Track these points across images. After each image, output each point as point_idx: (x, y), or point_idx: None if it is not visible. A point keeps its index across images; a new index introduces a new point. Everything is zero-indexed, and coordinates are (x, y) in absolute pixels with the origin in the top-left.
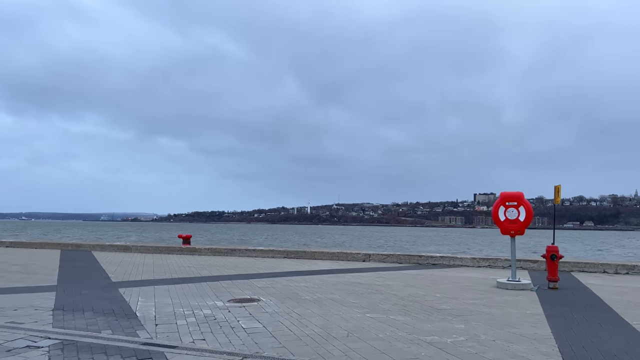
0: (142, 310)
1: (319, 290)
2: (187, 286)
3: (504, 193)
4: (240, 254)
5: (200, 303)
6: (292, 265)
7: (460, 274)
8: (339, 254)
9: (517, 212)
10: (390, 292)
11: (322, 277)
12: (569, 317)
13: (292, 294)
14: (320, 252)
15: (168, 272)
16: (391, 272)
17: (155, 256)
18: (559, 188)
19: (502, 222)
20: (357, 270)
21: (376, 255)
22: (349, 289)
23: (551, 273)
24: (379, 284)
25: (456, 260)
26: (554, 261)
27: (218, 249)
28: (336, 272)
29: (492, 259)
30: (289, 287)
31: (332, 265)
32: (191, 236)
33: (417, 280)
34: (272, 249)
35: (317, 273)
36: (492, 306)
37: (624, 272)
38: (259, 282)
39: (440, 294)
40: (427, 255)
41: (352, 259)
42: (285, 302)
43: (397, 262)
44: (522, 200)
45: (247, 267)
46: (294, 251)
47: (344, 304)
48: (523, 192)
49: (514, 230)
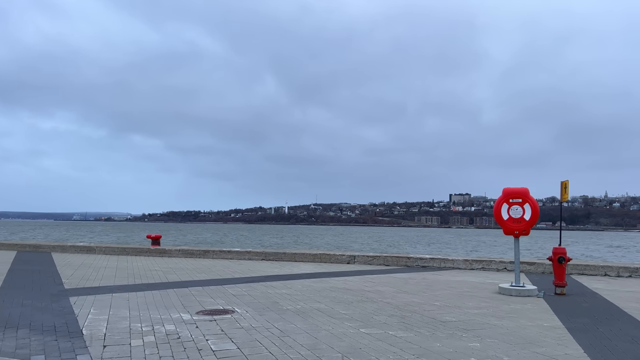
0: (91, 326)
1: (303, 298)
2: (150, 294)
3: (507, 189)
4: (214, 255)
5: (164, 316)
6: (271, 269)
7: (454, 278)
8: (322, 255)
9: (522, 210)
10: (383, 299)
11: (305, 282)
12: (593, 331)
13: (271, 303)
14: (302, 254)
15: (132, 276)
16: (380, 276)
17: (120, 258)
18: (567, 184)
19: (506, 221)
20: (343, 274)
21: (361, 256)
22: (337, 296)
23: (558, 277)
24: (368, 289)
25: (447, 262)
26: (562, 264)
27: (190, 250)
28: (320, 275)
29: (485, 260)
30: (267, 294)
31: (314, 268)
32: (161, 236)
33: (409, 286)
34: (248, 251)
35: (298, 277)
36: (502, 317)
37: (627, 275)
38: (233, 288)
39: (440, 302)
40: (416, 257)
41: (336, 261)
42: (264, 314)
43: (384, 265)
44: (528, 197)
45: (221, 271)
46: (272, 253)
47: (332, 316)
48: (528, 188)
49: (519, 230)
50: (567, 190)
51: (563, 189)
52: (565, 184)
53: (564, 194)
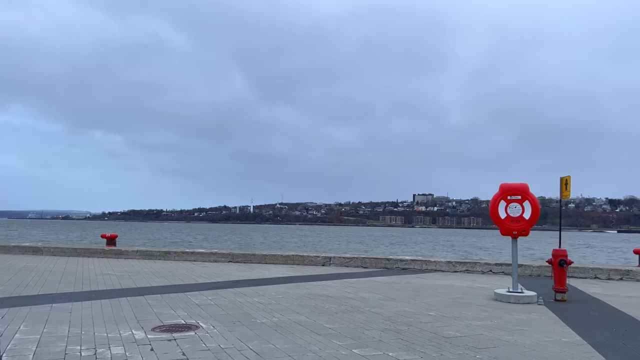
0: (14, 350)
1: (278, 308)
2: (99, 304)
3: (505, 185)
4: (175, 257)
5: (112, 334)
6: (240, 272)
7: (440, 282)
8: (295, 257)
9: (522, 208)
10: (371, 309)
11: (280, 288)
12: (622, 348)
13: (242, 315)
14: (273, 255)
15: (79, 282)
16: (360, 280)
17: (70, 260)
18: (568, 180)
19: (503, 221)
20: (319, 277)
21: (337, 258)
22: (317, 305)
23: (559, 282)
24: (352, 297)
25: (429, 264)
26: (563, 268)
27: (149, 251)
28: (295, 280)
29: (469, 262)
30: (237, 303)
31: (287, 270)
32: (116, 236)
33: (395, 291)
34: (214, 252)
35: (271, 282)
36: (512, 331)
37: (618, 278)
38: (197, 296)
39: (435, 312)
40: (396, 259)
41: (310, 263)
42: (234, 330)
43: (361, 267)
44: (528, 194)
45: (184, 275)
46: (240, 254)
47: (316, 331)
48: (527, 184)
49: (518, 230)
50: (569, 187)
51: (563, 185)
52: (566, 180)
53: (565, 191)
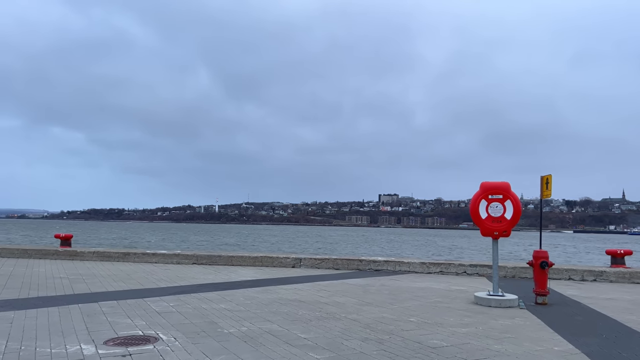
0: None
1: (248, 315)
2: (45, 313)
3: (486, 183)
4: (135, 259)
5: (57, 349)
6: (205, 275)
7: (416, 284)
8: (263, 258)
9: (503, 208)
10: (347, 315)
11: (248, 293)
12: (617, 356)
13: (208, 324)
14: (240, 257)
15: (26, 287)
16: (333, 283)
17: (19, 262)
18: (549, 178)
19: (484, 221)
20: (290, 280)
21: (308, 259)
22: (290, 312)
23: (540, 285)
24: (326, 301)
25: (403, 265)
26: (545, 270)
27: (107, 252)
28: (264, 283)
29: (443, 263)
30: (202, 310)
31: (255, 273)
32: (72, 236)
33: (371, 295)
34: (177, 253)
35: (239, 286)
36: (500, 339)
37: (591, 279)
38: (158, 302)
39: (416, 318)
40: (369, 260)
41: (280, 265)
42: (199, 342)
43: (333, 268)
44: (509, 193)
45: (144, 278)
46: (205, 256)
47: (291, 342)
48: (509, 182)
49: (499, 230)
50: (550, 186)
51: (544, 184)
52: (546, 179)
53: (546, 190)
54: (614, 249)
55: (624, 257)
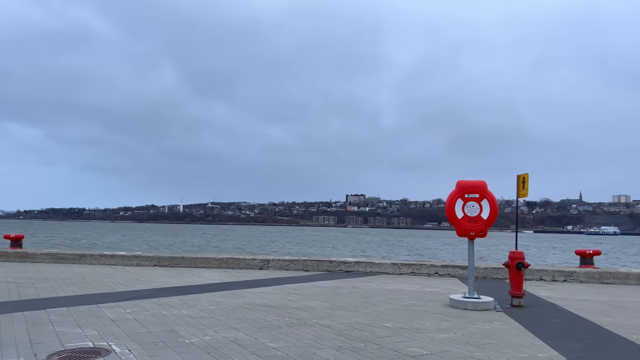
0: None
1: (212, 322)
2: None
3: (463, 182)
4: (92, 260)
5: None
6: (166, 278)
7: (388, 286)
8: (229, 260)
9: (479, 207)
10: (319, 321)
11: (212, 297)
12: None
13: (168, 333)
14: (204, 259)
15: None
16: (303, 285)
17: None
18: (526, 177)
19: (460, 220)
20: (258, 283)
21: (276, 261)
22: (257, 318)
23: (516, 286)
24: (296, 305)
25: (374, 266)
26: (521, 271)
27: (61, 254)
28: (230, 286)
29: (414, 264)
30: (162, 317)
31: (221, 276)
32: (23, 236)
33: (343, 298)
34: (137, 255)
35: (203, 289)
36: (481, 345)
37: (562, 280)
38: (113, 309)
39: (391, 323)
40: (339, 261)
41: (246, 267)
42: (156, 354)
43: (302, 270)
44: (486, 192)
45: (99, 282)
46: (168, 257)
47: (259, 354)
48: (485, 181)
49: (475, 230)
50: (527, 185)
51: (520, 183)
52: (523, 178)
53: (522, 190)
54: (583, 249)
55: (593, 258)
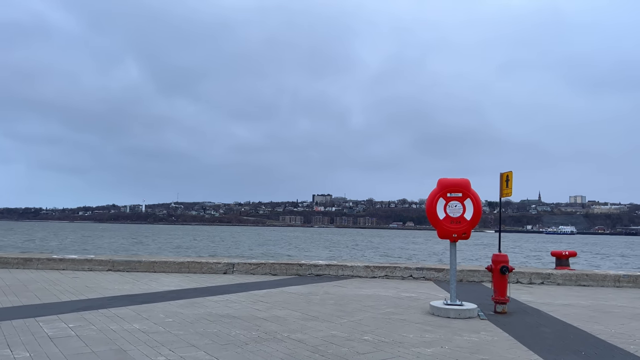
0: None
1: (167, 339)
2: None
3: (445, 180)
4: (39, 265)
5: None
6: (120, 284)
7: (362, 291)
8: (190, 264)
9: (462, 207)
10: (290, 334)
11: (170, 307)
12: None
13: (114, 353)
14: (163, 262)
15: None
16: (271, 292)
17: None
18: (510, 175)
19: (442, 222)
20: (221, 290)
21: (242, 264)
22: (221, 332)
23: (500, 292)
24: (264, 316)
25: (346, 269)
26: (505, 275)
27: (3, 257)
28: (190, 294)
29: (388, 267)
30: (109, 333)
31: (181, 281)
32: None
33: (315, 306)
34: (89, 259)
35: (160, 298)
36: None
37: (539, 282)
38: (54, 323)
39: (370, 335)
40: (309, 264)
41: (210, 271)
42: None
43: (270, 273)
44: (470, 191)
45: (44, 290)
46: (123, 261)
47: None
48: (469, 179)
49: (458, 232)
50: (511, 183)
51: (504, 182)
52: (507, 176)
53: (505, 188)
54: (559, 251)
55: (569, 259)
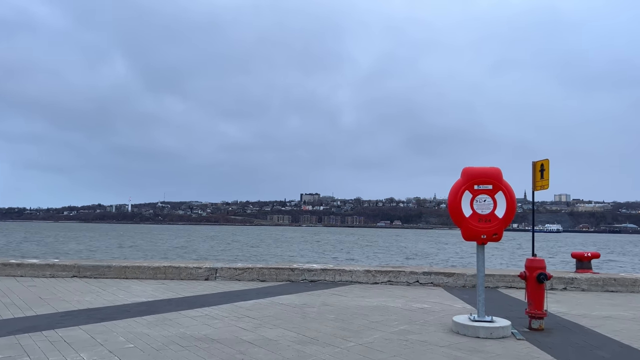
0: None
1: None
2: None
3: (471, 170)
4: None
5: None
6: (82, 294)
7: (365, 301)
8: (167, 269)
9: (493, 202)
10: None
11: (135, 326)
12: None
13: None
14: (137, 267)
15: None
16: (260, 303)
17: None
18: (546, 164)
19: (468, 220)
20: (200, 301)
21: (226, 269)
22: None
23: (537, 304)
24: (250, 338)
25: (344, 274)
26: (542, 285)
27: None
28: (163, 307)
29: (391, 271)
30: None
31: (155, 290)
32: None
33: (313, 322)
34: (53, 263)
35: (124, 313)
36: None
37: (562, 287)
38: None
39: None
40: (302, 268)
41: (189, 277)
42: None
43: (258, 279)
44: (501, 183)
45: None
46: (91, 266)
47: None
48: (500, 169)
49: (488, 233)
50: (547, 173)
51: (537, 172)
52: (541, 165)
53: (539, 180)
54: (580, 252)
55: (591, 261)
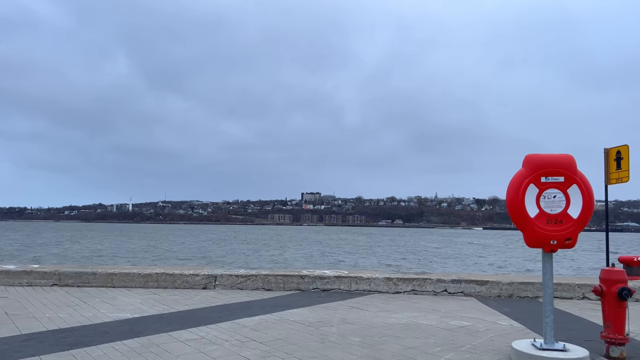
0: None
1: None
2: None
3: (536, 157)
4: None
5: None
6: (58, 308)
7: (392, 317)
8: (160, 276)
9: (565, 199)
10: None
11: (112, 356)
12: None
13: None
14: (125, 274)
15: None
16: (266, 320)
17: None
18: (624, 151)
19: (533, 221)
20: (196, 317)
21: (226, 277)
22: None
23: (616, 327)
24: None
25: (361, 281)
26: (624, 302)
27: None
28: (150, 326)
29: (415, 279)
30: None
31: (144, 302)
32: None
33: (335, 350)
34: (30, 270)
35: (102, 336)
36: None
37: None
38: None
39: None
40: (313, 276)
41: (184, 285)
42: None
43: (263, 288)
44: (576, 174)
45: None
46: (73, 273)
47: None
48: (573, 157)
49: (559, 237)
50: (626, 163)
51: (612, 161)
52: (617, 153)
53: (615, 170)
54: (629, 256)
55: None
